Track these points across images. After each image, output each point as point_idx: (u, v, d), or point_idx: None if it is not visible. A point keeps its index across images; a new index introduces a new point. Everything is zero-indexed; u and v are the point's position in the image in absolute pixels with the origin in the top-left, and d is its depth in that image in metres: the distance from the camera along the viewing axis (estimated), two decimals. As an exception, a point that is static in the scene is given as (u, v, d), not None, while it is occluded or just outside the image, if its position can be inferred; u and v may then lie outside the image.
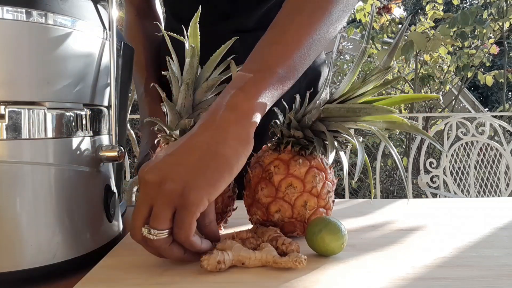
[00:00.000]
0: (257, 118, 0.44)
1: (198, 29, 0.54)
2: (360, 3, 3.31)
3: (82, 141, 0.47)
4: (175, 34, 0.56)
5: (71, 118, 0.45)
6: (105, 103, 0.53)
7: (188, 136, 0.42)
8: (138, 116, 3.30)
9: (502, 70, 3.44)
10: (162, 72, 0.57)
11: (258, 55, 0.48)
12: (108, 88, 0.53)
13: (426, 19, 3.42)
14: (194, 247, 0.41)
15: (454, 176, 2.25)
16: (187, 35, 0.55)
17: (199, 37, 0.54)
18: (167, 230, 0.40)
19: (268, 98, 0.45)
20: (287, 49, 0.48)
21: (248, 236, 0.50)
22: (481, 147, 2.28)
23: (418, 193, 3.42)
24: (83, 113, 0.47)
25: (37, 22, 0.42)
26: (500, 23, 3.23)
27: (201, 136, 0.42)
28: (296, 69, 0.49)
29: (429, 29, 3.33)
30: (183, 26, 0.57)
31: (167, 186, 0.40)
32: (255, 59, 0.48)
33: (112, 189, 0.53)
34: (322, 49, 0.55)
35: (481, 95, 8.34)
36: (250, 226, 0.55)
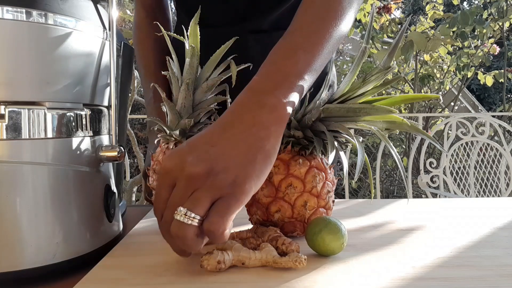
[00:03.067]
0: (287, 120, 0.47)
1: (198, 29, 0.54)
2: (360, 3, 3.31)
3: (82, 141, 0.47)
4: (175, 34, 0.57)
5: (71, 118, 0.45)
6: (105, 103, 0.53)
7: (228, 130, 0.44)
8: (138, 116, 3.31)
9: (502, 70, 3.44)
10: (162, 72, 0.58)
11: (286, 60, 0.49)
12: (108, 88, 0.53)
13: (426, 19, 3.43)
14: (224, 239, 0.41)
15: (454, 176, 2.25)
16: (187, 36, 0.55)
17: (216, 37, 0.54)
18: (200, 218, 0.40)
19: (296, 102, 0.48)
20: (312, 55, 0.50)
21: (248, 236, 0.50)
22: (481, 147, 2.28)
23: (418, 193, 3.43)
24: (83, 113, 0.47)
25: (37, 22, 0.42)
26: (500, 23, 3.23)
27: (246, 133, 0.44)
28: (317, 73, 0.51)
29: (429, 29, 3.33)
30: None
31: (220, 176, 0.40)
32: (283, 64, 0.49)
33: (112, 189, 0.53)
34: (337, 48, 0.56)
35: (477, 98, 8.34)
36: (250, 226, 0.55)
